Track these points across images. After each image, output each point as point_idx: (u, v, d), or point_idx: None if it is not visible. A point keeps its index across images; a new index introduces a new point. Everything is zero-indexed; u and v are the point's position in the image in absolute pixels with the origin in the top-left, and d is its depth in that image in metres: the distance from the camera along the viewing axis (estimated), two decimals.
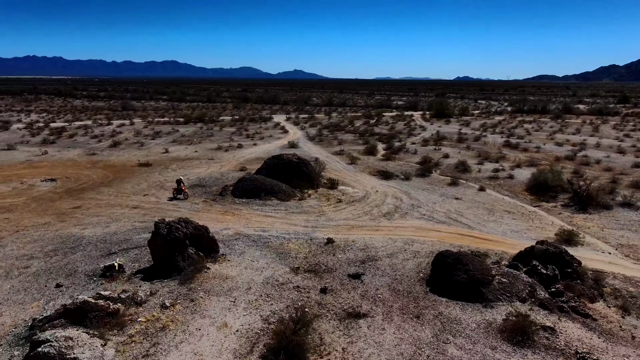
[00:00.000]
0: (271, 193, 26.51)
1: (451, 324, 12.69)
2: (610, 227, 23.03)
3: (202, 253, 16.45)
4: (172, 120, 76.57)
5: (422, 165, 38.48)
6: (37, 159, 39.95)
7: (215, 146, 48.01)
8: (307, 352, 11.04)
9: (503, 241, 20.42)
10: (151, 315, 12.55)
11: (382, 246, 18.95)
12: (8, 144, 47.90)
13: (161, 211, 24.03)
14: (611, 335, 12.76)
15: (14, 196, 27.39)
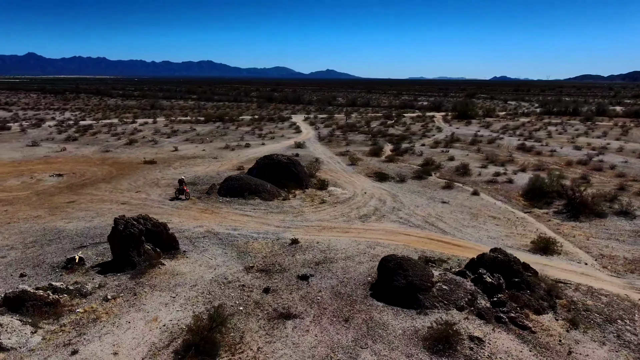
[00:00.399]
0: (255, 192, 26.98)
1: (377, 329, 12.61)
2: (598, 237, 21.96)
3: (160, 249, 17.09)
4: (194, 119, 78.79)
5: (423, 167, 37.85)
6: (55, 155, 42.32)
7: (223, 145, 49.13)
8: (220, 350, 11.33)
9: (473, 247, 19.90)
10: (89, 307, 13.24)
11: (343, 248, 18.96)
12: (34, 140, 50.95)
13: (146, 207, 25.02)
14: (546, 349, 12.28)
15: (20, 190, 29.25)
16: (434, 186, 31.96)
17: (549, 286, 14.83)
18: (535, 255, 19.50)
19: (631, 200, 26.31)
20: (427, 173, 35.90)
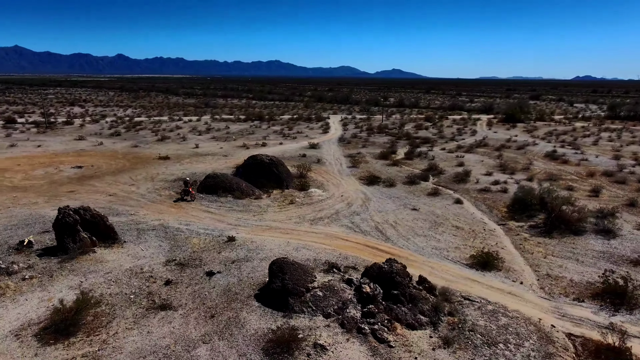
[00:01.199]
0: (229, 191, 28.27)
1: (232, 328, 13.14)
2: (557, 255, 20.25)
3: (98, 238, 18.91)
4: (234, 118, 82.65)
5: (423, 172, 36.83)
6: (89, 149, 47.09)
7: (241, 144, 51.30)
8: (79, 331, 12.61)
9: (408, 257, 19.44)
10: (4, 283, 15.25)
11: (270, 249, 19.54)
12: (81, 135, 56.96)
13: (128, 199, 27.39)
14: None
15: (39, 179, 33.27)
16: (421, 192, 31.09)
17: (437, 302, 14.26)
18: (471, 270, 18.60)
19: (626, 217, 23.71)
20: (423, 178, 34.96)
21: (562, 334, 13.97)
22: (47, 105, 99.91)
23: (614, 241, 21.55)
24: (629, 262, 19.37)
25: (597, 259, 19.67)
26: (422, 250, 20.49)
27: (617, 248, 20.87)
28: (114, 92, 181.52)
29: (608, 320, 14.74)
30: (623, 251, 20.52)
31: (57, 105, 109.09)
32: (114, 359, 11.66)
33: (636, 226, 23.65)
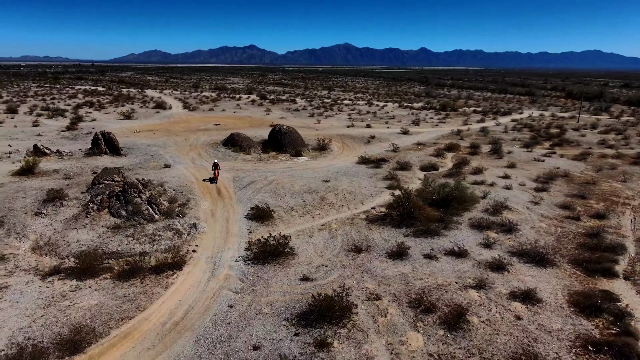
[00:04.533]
0: (238, 145, 37.57)
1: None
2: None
3: (110, 150, 32.75)
4: (418, 107, 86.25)
5: (429, 166, 34.76)
6: (241, 116, 64.46)
7: (350, 124, 57.60)
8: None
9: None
10: (49, 158, 30.76)
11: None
12: (268, 108, 76.16)
13: (194, 142, 40.97)
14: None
15: (182, 126, 51.47)
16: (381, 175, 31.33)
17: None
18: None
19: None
20: (406, 167, 33.69)
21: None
22: (311, 89, 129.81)
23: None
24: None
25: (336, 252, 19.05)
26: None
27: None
28: (383, 81, 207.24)
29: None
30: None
31: (319, 88, 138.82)
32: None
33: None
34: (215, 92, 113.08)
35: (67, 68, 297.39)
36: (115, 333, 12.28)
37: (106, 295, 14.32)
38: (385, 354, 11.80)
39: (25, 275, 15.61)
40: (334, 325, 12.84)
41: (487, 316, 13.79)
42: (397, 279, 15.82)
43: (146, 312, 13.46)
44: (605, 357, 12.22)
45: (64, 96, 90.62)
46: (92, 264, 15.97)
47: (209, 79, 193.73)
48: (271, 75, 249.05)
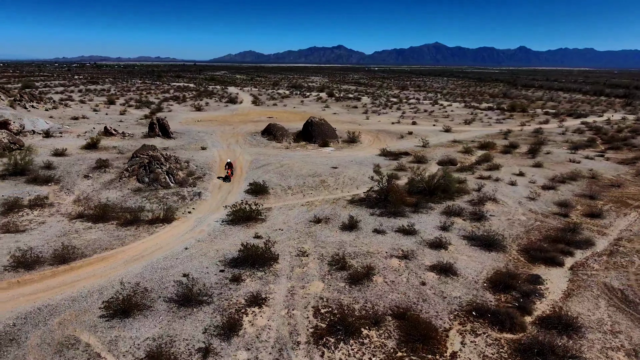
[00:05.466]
0: (272, 135, 41.43)
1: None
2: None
3: (162, 133, 38.54)
4: (484, 107, 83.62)
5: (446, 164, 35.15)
6: (296, 111, 68.43)
7: (396, 120, 58.52)
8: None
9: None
10: (114, 139, 37.31)
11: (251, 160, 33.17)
12: (304, 101, 79.57)
13: (237, 132, 45.91)
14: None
15: (239, 118, 56.98)
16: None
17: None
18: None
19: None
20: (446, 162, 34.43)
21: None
22: (384, 88, 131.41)
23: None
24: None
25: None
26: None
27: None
28: (467, 81, 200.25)
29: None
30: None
31: (393, 87, 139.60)
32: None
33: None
34: (289, 90, 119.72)
35: (172, 67, 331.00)
36: (96, 256, 16.46)
37: (105, 234, 18.73)
38: (284, 292, 14.33)
39: (60, 216, 20.75)
40: (255, 269, 15.66)
41: (393, 278, 15.53)
42: (334, 244, 18.05)
43: (126, 247, 17.52)
44: (482, 322, 13.40)
45: (158, 91, 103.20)
46: (105, 213, 20.65)
47: (291, 77, 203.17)
48: (353, 75, 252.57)
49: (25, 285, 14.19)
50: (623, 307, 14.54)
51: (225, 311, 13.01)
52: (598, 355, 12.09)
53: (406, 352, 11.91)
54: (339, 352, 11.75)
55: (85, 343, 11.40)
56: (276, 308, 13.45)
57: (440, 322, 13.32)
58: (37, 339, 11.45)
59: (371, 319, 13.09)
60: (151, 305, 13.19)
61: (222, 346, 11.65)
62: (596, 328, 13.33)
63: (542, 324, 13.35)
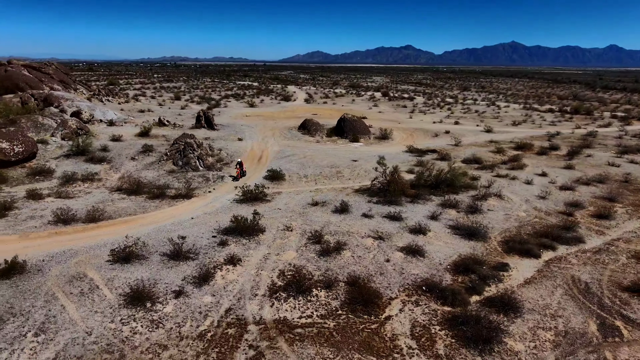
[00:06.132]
0: (307, 130, 43.84)
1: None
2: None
3: (207, 124, 42.53)
4: (544, 109, 79.80)
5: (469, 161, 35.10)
6: (344, 108, 70.12)
7: (437, 120, 58.25)
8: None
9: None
10: (165, 129, 41.91)
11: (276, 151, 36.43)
12: (376, 102, 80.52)
13: (276, 127, 49.04)
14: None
15: (285, 114, 60.16)
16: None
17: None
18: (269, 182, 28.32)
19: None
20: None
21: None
22: (446, 89, 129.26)
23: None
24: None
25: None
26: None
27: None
28: (538, 82, 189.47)
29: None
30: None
31: (455, 88, 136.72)
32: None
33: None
34: (346, 89, 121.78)
35: (242, 67, 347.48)
36: (119, 219, 19.91)
37: (133, 204, 22.26)
38: (259, 257, 16.58)
39: (103, 189, 24.79)
40: (243, 237, 18.08)
41: (361, 254, 17.13)
42: (320, 223, 19.94)
43: (146, 214, 20.85)
44: (428, 296, 14.63)
45: (223, 89, 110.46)
46: (139, 188, 24.33)
47: (353, 77, 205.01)
48: (418, 75, 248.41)
49: (60, 235, 17.87)
50: (579, 297, 14.93)
51: (204, 266, 15.56)
52: (524, 332, 12.91)
53: (345, 311, 13.61)
54: (286, 304, 13.77)
55: (90, 278, 14.53)
56: (248, 268, 15.76)
57: (388, 292, 14.79)
58: (57, 271, 14.79)
59: (325, 283, 14.92)
60: (148, 257, 16.13)
61: (193, 291, 14.18)
62: (538, 311, 14.01)
63: (486, 303, 14.29)
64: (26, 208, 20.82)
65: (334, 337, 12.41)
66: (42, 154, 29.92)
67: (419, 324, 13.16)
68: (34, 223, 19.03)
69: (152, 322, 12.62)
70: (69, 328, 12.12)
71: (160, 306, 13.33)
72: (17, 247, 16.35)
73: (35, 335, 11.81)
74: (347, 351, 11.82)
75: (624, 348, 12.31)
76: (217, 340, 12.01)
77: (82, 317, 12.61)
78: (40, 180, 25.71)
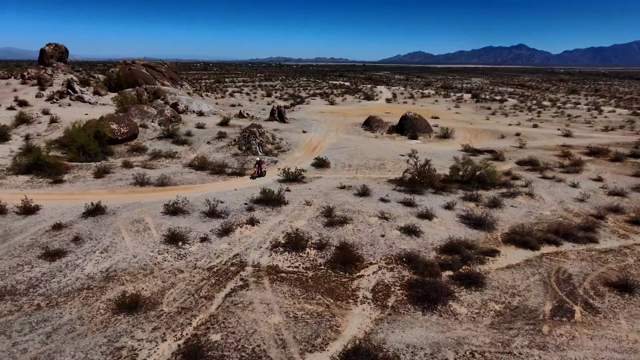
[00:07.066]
0: (370, 126, 46.19)
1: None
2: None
3: (280, 118, 47.26)
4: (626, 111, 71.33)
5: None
6: (421, 108, 70.15)
7: (516, 123, 55.85)
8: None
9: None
10: (244, 121, 47.57)
11: (331, 143, 40.39)
12: (437, 99, 78.99)
13: (346, 122, 52.18)
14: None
15: (358, 112, 62.87)
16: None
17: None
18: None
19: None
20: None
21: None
22: (553, 92, 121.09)
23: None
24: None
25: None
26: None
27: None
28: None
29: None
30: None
31: (562, 91, 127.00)
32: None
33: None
34: (436, 90, 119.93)
35: (340, 67, 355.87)
36: (182, 186, 24.95)
37: (196, 176, 27.33)
38: (275, 222, 19.99)
39: (179, 164, 30.46)
40: (268, 206, 21.67)
41: (361, 228, 19.57)
42: (338, 202, 22.67)
43: (203, 185, 25.66)
44: (404, 266, 16.66)
45: (314, 88, 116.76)
46: (204, 165, 29.49)
47: (451, 78, 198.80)
48: (525, 77, 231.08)
49: (136, 193, 23.35)
50: (552, 285, 15.70)
51: (229, 223, 19.45)
52: (475, 301, 14.42)
53: (326, 267, 16.39)
54: (281, 256, 16.99)
55: (146, 222, 19.35)
56: (262, 229, 19.30)
57: (370, 258, 17.17)
58: (125, 215, 19.92)
59: (319, 245, 17.80)
60: (190, 212, 20.59)
61: (215, 239, 18.13)
62: (501, 289, 15.27)
63: (455, 278, 15.89)
64: (118, 173, 27.10)
65: (308, 283, 15.31)
66: (141, 135, 37.12)
67: (383, 283, 15.41)
68: (120, 183, 24.97)
69: (178, 255, 16.81)
70: (122, 251, 16.85)
71: (188, 246, 17.50)
72: (105, 198, 22.01)
73: (101, 252, 16.71)
74: (313, 292, 14.66)
75: (566, 326, 13.21)
76: (220, 272, 15.71)
77: (133, 246, 17.30)
78: (135, 155, 32.41)
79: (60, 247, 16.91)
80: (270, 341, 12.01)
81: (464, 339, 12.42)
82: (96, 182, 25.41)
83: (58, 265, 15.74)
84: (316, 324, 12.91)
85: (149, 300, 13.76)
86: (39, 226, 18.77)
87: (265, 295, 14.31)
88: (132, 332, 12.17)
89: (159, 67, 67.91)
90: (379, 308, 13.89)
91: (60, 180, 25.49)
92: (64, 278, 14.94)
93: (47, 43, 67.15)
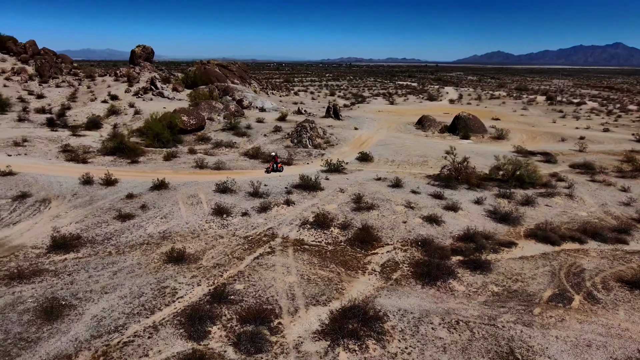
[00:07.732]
0: (422, 125, 46.81)
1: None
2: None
3: (335, 115, 49.46)
4: None
5: None
6: (484, 110, 68.28)
7: (585, 126, 52.87)
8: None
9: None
10: (297, 118, 50.43)
11: (382, 139, 42.31)
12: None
13: (400, 121, 53.14)
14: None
15: (415, 112, 63.18)
16: None
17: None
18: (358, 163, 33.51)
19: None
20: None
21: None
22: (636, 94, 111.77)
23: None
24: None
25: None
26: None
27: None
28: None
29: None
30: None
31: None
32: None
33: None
34: (508, 92, 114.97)
35: (411, 68, 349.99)
36: (235, 170, 28.24)
37: (248, 163, 30.57)
38: (309, 204, 22.26)
39: (237, 153, 33.97)
40: (305, 191, 24.01)
41: (386, 214, 21.16)
42: (371, 190, 24.38)
43: (252, 170, 28.75)
44: (417, 249, 18.07)
45: (379, 88, 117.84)
46: (257, 154, 32.65)
47: (529, 80, 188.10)
48: (616, 79, 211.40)
49: (195, 174, 26.97)
50: (559, 276, 16.25)
51: (269, 203, 22.09)
52: (476, 282, 15.52)
53: (345, 244, 18.33)
54: (308, 232, 19.23)
55: (199, 197, 22.64)
56: (296, 209, 21.68)
57: (388, 240, 18.80)
58: (183, 191, 23.42)
59: (343, 225, 19.75)
60: (237, 192, 23.58)
61: (254, 215, 20.85)
62: (506, 275, 16.16)
63: (464, 262, 17.02)
64: (183, 157, 31.16)
65: (326, 254, 17.39)
66: (207, 127, 41.46)
67: (393, 260, 17.02)
68: (183, 166, 28.88)
69: (222, 224, 19.74)
70: (178, 219, 20.15)
71: (230, 218, 20.39)
72: (169, 176, 25.82)
73: (161, 218, 20.15)
74: (328, 262, 16.71)
75: (559, 311, 13.93)
76: (253, 241, 18.34)
77: (187, 215, 20.57)
78: (200, 143, 36.58)
79: (131, 211, 20.64)
80: (282, 294, 14.30)
81: (453, 310, 13.75)
82: (164, 164, 29.57)
83: (127, 225, 19.38)
84: (325, 285, 14.97)
85: (192, 256, 16.73)
86: (116, 195, 22.83)
87: (286, 261, 16.64)
88: (175, 277, 15.13)
89: (230, 67, 73.51)
90: (384, 279, 15.59)
91: (136, 161, 30.03)
92: (130, 234, 18.48)
93: (137, 45, 75.71)
